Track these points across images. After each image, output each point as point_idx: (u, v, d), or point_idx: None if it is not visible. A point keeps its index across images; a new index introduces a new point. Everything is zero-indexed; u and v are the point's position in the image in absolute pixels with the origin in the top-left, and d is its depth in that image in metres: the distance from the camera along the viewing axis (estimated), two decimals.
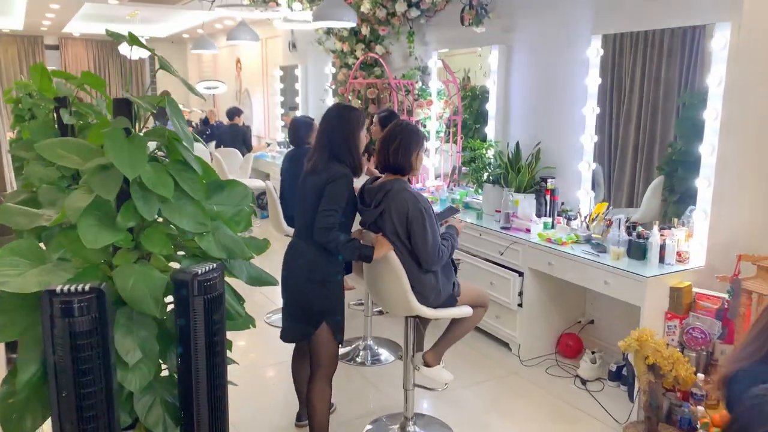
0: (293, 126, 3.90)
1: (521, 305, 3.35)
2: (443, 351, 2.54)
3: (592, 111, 3.42)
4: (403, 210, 2.24)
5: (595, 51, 3.36)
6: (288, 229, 3.61)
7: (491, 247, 3.52)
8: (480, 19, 4.04)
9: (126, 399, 1.42)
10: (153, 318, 1.42)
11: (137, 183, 1.40)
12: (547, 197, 3.49)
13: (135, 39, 1.47)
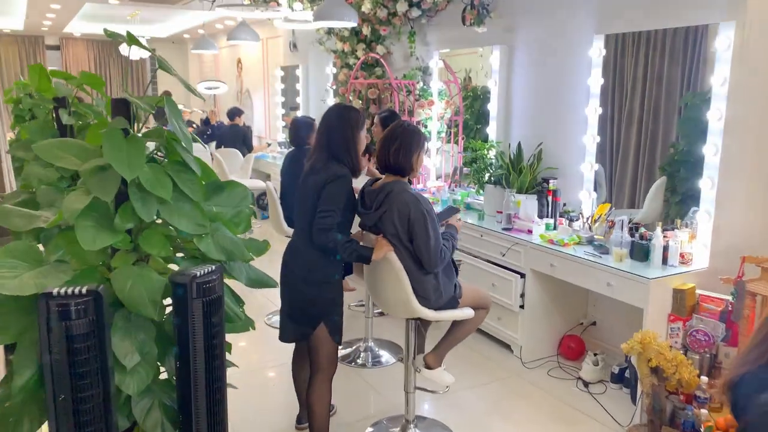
0: (294, 126, 3.89)
1: (523, 307, 3.33)
2: (445, 353, 2.52)
3: (594, 111, 3.40)
4: (405, 212, 2.22)
5: (598, 51, 3.34)
6: (288, 230, 3.59)
7: (493, 248, 3.50)
8: (481, 19, 4.02)
9: (124, 402, 1.41)
10: (151, 320, 1.40)
11: (135, 184, 1.38)
12: (549, 198, 3.47)
13: (133, 39, 1.45)
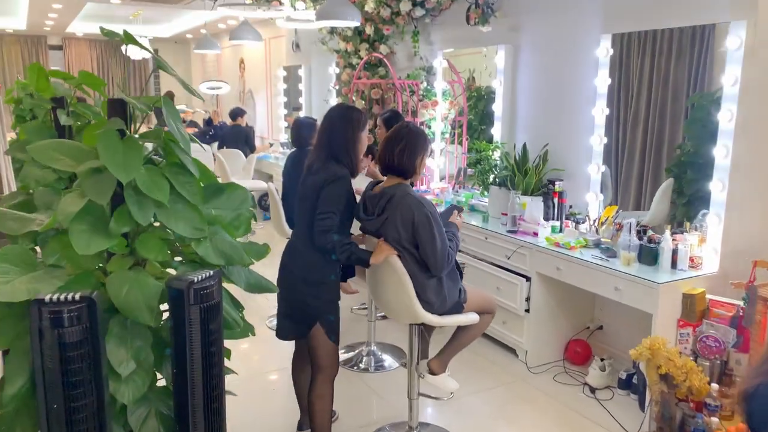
0: (296, 127, 3.84)
1: (528, 311, 3.28)
2: (449, 359, 2.47)
3: (601, 112, 3.35)
4: (409, 217, 2.17)
5: (605, 51, 3.29)
6: (290, 232, 3.55)
7: (498, 251, 3.45)
8: (486, 18, 3.98)
9: (120, 411, 1.37)
10: (148, 327, 1.36)
11: (131, 187, 1.35)
12: (555, 200, 3.43)
13: (130, 38, 1.41)
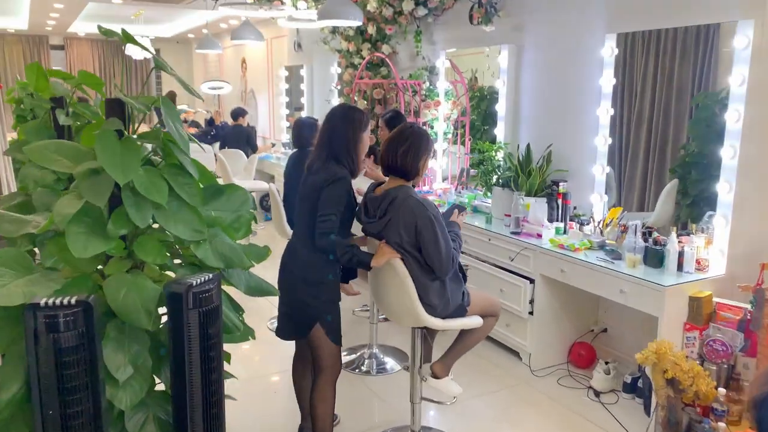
0: (297, 127, 3.80)
1: (532, 313, 3.24)
2: (452, 362, 2.44)
3: (606, 112, 3.32)
4: (411, 219, 2.14)
5: (610, 50, 3.25)
6: (290, 232, 3.52)
7: (501, 253, 3.41)
8: (489, 18, 3.94)
9: (117, 417, 1.34)
10: (146, 331, 1.33)
11: (129, 188, 1.32)
12: (559, 201, 3.39)
13: (128, 37, 1.39)
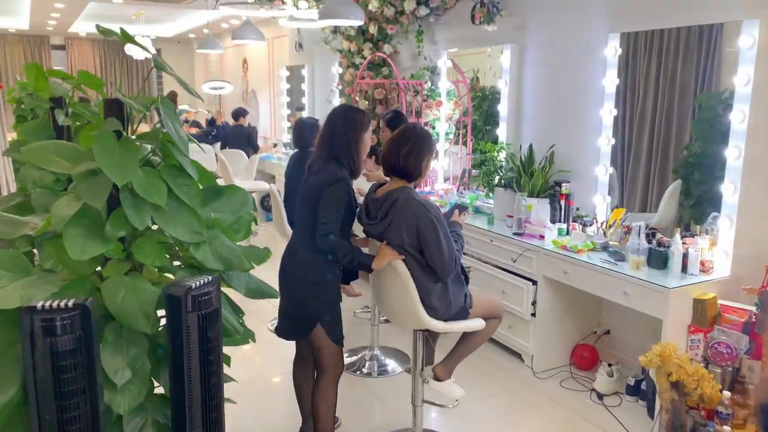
0: (298, 127, 3.78)
1: (534, 315, 3.22)
2: (455, 365, 2.42)
3: (609, 113, 3.29)
4: (413, 222, 2.12)
5: (613, 50, 3.23)
6: (291, 233, 3.50)
7: (503, 254, 3.39)
8: (491, 17, 3.92)
9: (115, 421, 1.32)
10: (144, 334, 1.32)
11: (128, 189, 1.30)
12: (562, 202, 3.36)
13: (126, 36, 1.37)
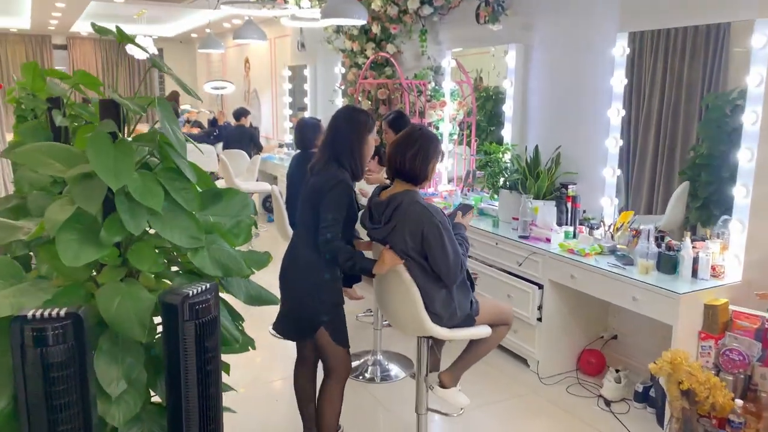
0: (299, 128, 3.72)
1: (540, 319, 3.16)
2: (461, 373, 2.36)
3: (617, 113, 3.24)
4: (417, 226, 2.06)
5: (621, 50, 3.17)
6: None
7: (509, 258, 3.34)
8: (496, 17, 3.87)
9: None
10: (140, 342, 1.27)
11: (123, 193, 1.25)
12: (569, 204, 3.31)
13: (123, 35, 1.32)
